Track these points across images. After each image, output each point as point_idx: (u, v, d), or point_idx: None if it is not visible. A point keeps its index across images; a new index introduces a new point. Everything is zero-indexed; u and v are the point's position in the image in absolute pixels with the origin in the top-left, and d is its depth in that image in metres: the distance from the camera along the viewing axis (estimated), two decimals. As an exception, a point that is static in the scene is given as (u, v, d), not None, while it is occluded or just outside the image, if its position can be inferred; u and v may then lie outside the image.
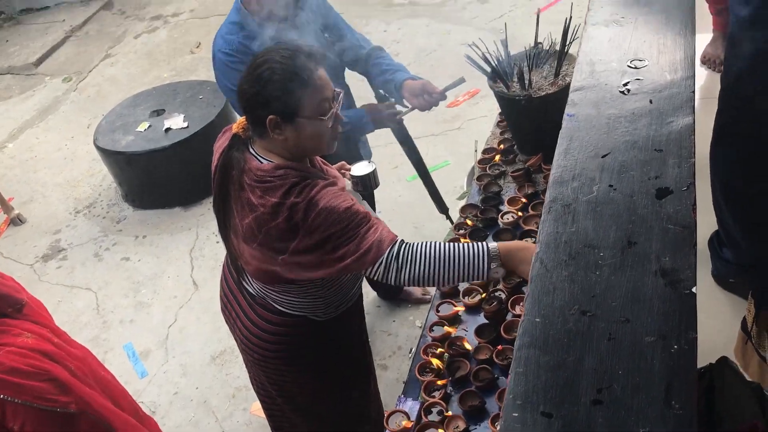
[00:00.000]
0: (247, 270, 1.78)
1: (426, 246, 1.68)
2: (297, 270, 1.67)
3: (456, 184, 3.77)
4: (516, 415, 0.83)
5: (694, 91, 1.24)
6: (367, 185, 2.10)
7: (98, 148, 4.21)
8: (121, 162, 4.18)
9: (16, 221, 4.42)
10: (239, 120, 1.75)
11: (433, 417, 1.69)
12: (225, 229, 1.79)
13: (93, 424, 1.93)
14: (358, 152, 2.59)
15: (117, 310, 3.63)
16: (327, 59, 2.19)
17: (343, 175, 2.02)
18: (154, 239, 4.08)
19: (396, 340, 3.07)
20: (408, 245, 1.67)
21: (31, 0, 7.59)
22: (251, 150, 1.70)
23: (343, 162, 2.13)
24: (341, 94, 1.72)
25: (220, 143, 1.83)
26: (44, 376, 1.85)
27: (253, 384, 2.21)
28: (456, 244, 1.69)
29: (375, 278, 1.68)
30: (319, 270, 1.66)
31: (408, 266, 1.64)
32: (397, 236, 1.69)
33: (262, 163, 1.66)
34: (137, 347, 3.39)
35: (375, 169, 2.11)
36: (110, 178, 4.51)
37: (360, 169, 2.10)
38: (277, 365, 1.99)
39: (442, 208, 2.94)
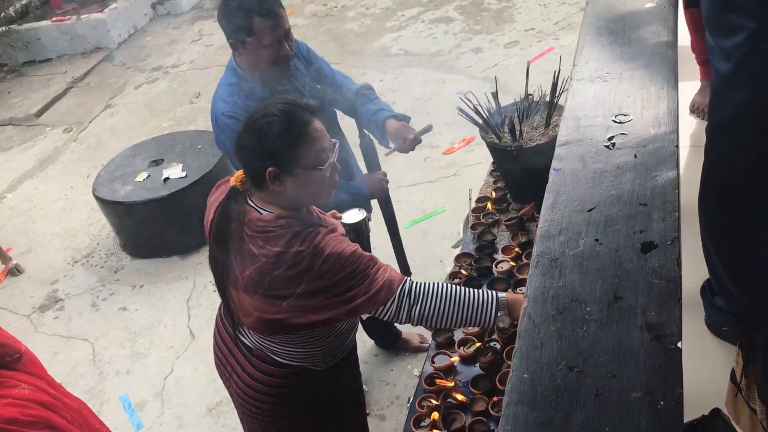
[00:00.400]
0: (246, 322, 1.78)
1: (436, 285, 1.73)
2: (305, 314, 1.67)
3: (452, 230, 3.79)
4: (504, 473, 0.84)
5: (677, 146, 1.26)
6: (359, 232, 2.13)
7: (97, 198, 4.24)
8: (119, 212, 4.20)
9: (14, 271, 4.42)
10: (236, 173, 1.77)
11: (429, 470, 1.67)
12: (222, 283, 1.80)
13: None
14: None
15: (113, 361, 3.61)
16: (322, 110, 2.24)
17: None
18: (151, 289, 4.08)
19: (394, 390, 3.05)
20: (419, 283, 1.72)
21: (34, 52, 7.73)
22: (250, 202, 1.72)
23: (334, 210, 2.16)
24: (337, 144, 1.75)
25: (215, 197, 1.85)
26: (42, 425, 1.84)
27: (248, 438, 2.19)
28: (465, 287, 1.74)
29: (386, 317, 1.70)
30: (328, 312, 1.67)
31: (420, 303, 1.69)
32: (404, 276, 1.73)
33: (261, 214, 1.68)
34: (133, 399, 3.36)
35: (366, 216, 2.13)
36: (108, 228, 4.52)
37: (351, 216, 2.13)
38: (274, 418, 1.97)
39: (406, 271, 2.94)
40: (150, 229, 4.21)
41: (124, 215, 4.21)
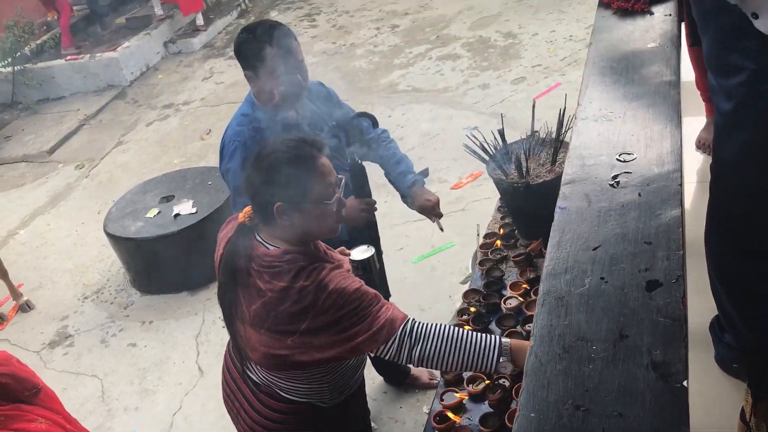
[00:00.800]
0: (253, 357, 1.79)
1: (439, 327, 1.72)
2: (309, 351, 1.68)
3: (462, 265, 3.79)
4: None
5: (681, 184, 1.28)
6: (367, 269, 2.14)
7: (108, 234, 4.27)
8: (130, 248, 4.24)
9: (25, 308, 4.45)
10: (245, 209, 1.80)
11: None
12: (231, 318, 1.82)
13: None
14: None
15: (122, 398, 3.61)
16: (337, 146, 2.28)
17: None
18: (160, 324, 4.09)
19: (403, 427, 3.03)
20: (421, 324, 1.71)
21: (48, 90, 7.87)
22: (257, 237, 1.75)
23: (343, 247, 2.17)
24: (343, 180, 1.78)
25: (224, 233, 1.88)
26: None
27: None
28: (469, 330, 1.73)
29: (387, 357, 1.70)
30: (331, 350, 1.68)
31: (420, 344, 1.68)
32: (407, 315, 1.73)
33: (268, 249, 1.71)
34: (141, 436, 3.36)
35: (374, 253, 2.15)
36: (119, 264, 4.55)
37: (359, 253, 2.14)
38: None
39: (385, 294, 2.91)
40: (160, 265, 4.23)
41: (135, 251, 4.24)
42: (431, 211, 2.56)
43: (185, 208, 4.22)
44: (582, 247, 1.21)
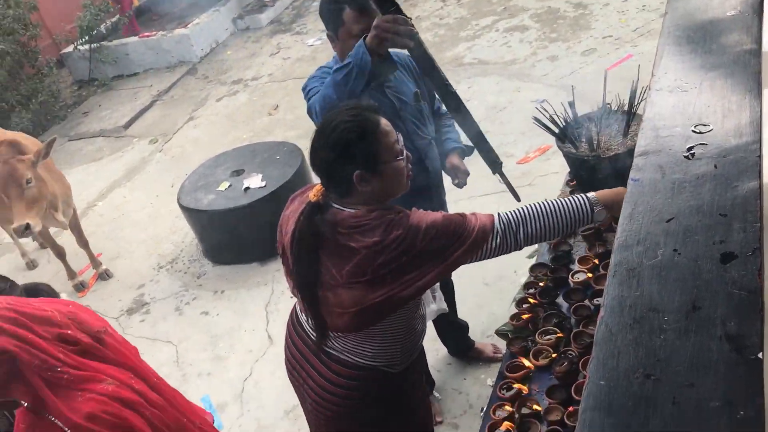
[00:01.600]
0: (340, 322, 1.82)
1: (528, 207, 1.84)
2: (411, 285, 1.74)
3: (527, 240, 3.77)
4: (581, 477, 0.85)
5: (760, 156, 1.24)
6: None
7: (181, 206, 4.42)
8: (202, 220, 4.37)
9: (104, 276, 4.66)
10: (315, 188, 1.83)
11: (504, 478, 1.69)
12: (312, 288, 1.84)
13: None
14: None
15: (196, 363, 3.76)
16: (418, 110, 2.39)
17: None
18: (231, 294, 4.22)
19: (467, 399, 3.06)
20: (510, 212, 1.82)
21: (122, 67, 8.12)
22: (334, 206, 1.79)
23: None
24: (400, 135, 1.81)
25: (291, 210, 1.92)
26: (120, 425, 1.91)
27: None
28: (554, 199, 1.85)
29: (495, 253, 1.81)
30: (431, 275, 1.74)
31: (523, 226, 1.80)
32: (491, 213, 1.83)
33: (351, 211, 1.75)
34: (214, 400, 3.49)
35: None
36: (192, 235, 4.71)
37: None
38: (349, 422, 2.02)
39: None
40: (231, 236, 4.36)
41: (207, 223, 4.38)
42: (460, 172, 2.65)
43: (255, 181, 4.33)
44: (655, 219, 1.19)
